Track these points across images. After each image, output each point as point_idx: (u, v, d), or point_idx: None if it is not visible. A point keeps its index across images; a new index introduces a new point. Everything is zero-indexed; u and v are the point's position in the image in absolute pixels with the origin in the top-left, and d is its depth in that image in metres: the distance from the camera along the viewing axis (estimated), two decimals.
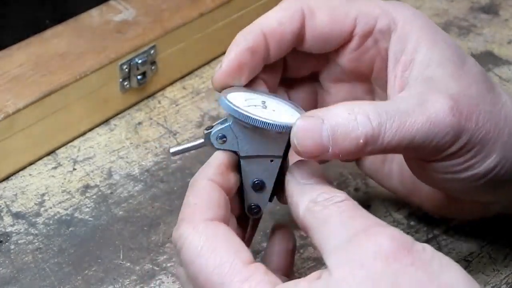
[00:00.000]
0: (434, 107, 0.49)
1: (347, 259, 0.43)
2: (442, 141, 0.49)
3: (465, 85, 0.52)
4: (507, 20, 0.88)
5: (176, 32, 0.76)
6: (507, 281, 0.60)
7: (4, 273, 0.60)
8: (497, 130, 0.52)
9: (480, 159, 0.51)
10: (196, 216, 0.48)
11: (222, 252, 0.46)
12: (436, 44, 0.53)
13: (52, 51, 0.72)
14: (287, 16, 0.53)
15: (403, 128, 0.48)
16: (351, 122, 0.48)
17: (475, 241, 0.63)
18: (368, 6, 0.55)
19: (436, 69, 0.52)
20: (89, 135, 0.73)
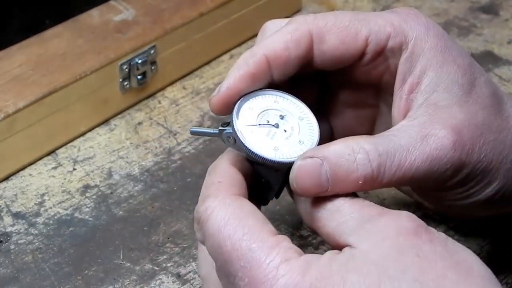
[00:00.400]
0: (435, 143, 0.49)
1: (370, 234, 0.45)
2: (442, 176, 0.49)
3: (471, 113, 0.51)
4: (507, 20, 0.88)
5: (176, 32, 0.76)
6: (507, 281, 0.60)
7: (4, 273, 0.60)
8: (500, 159, 0.51)
9: (480, 187, 0.52)
10: (222, 192, 0.48)
11: (249, 222, 0.46)
12: (445, 66, 0.52)
13: (52, 51, 0.72)
14: (293, 40, 0.52)
15: (402, 167, 0.48)
16: (351, 164, 0.48)
17: (475, 241, 0.63)
18: (379, 24, 0.53)
19: (442, 94, 0.51)
20: (89, 135, 0.73)
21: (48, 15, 0.77)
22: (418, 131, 0.49)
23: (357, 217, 0.46)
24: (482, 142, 0.50)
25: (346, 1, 0.90)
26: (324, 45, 0.52)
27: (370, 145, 0.48)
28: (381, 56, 0.53)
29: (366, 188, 0.48)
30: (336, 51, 0.53)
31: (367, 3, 0.90)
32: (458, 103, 0.51)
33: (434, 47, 0.52)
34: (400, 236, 0.44)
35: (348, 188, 0.48)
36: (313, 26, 0.52)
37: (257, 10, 0.83)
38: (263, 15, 0.84)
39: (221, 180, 0.49)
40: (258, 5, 0.83)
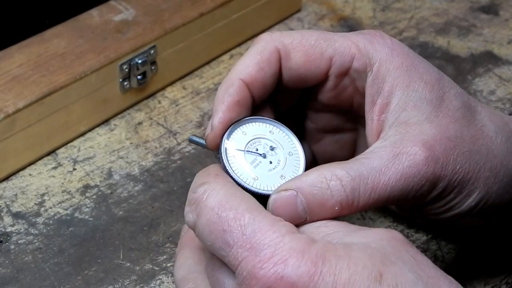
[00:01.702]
0: (407, 161, 0.49)
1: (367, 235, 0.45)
2: (418, 192, 0.50)
3: (442, 126, 0.51)
4: (507, 20, 0.88)
5: (176, 32, 0.76)
6: (507, 281, 0.60)
7: (4, 273, 0.60)
8: (477, 168, 0.52)
9: (461, 199, 0.52)
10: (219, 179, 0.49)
11: (251, 201, 0.47)
12: (412, 84, 0.52)
13: (52, 51, 0.72)
14: (264, 60, 0.53)
15: (377, 189, 0.49)
16: (325, 192, 0.48)
17: (475, 241, 0.63)
18: (344, 45, 0.54)
19: (411, 112, 0.51)
20: (89, 135, 0.73)
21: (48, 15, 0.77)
22: (390, 151, 0.50)
23: (344, 230, 0.47)
24: (456, 153, 0.51)
25: (346, 1, 0.90)
26: (290, 63, 0.54)
27: (343, 171, 0.49)
28: (346, 77, 0.54)
29: (345, 213, 0.49)
30: (301, 69, 0.54)
31: (367, 3, 0.90)
32: (428, 118, 0.51)
33: (400, 66, 0.53)
34: (394, 241, 0.45)
35: (326, 216, 0.48)
36: (279, 43, 0.53)
37: (257, 10, 0.83)
38: (263, 15, 0.84)
39: (218, 174, 0.49)
40: (258, 5, 0.83)
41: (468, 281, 0.60)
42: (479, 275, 0.60)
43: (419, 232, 0.64)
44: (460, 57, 0.82)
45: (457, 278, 0.60)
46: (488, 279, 0.60)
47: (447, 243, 0.63)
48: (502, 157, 0.53)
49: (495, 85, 0.79)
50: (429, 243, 0.63)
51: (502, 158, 0.53)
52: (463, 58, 0.82)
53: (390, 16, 0.88)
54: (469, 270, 0.61)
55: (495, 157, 0.53)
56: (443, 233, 0.64)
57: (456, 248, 0.63)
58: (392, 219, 0.65)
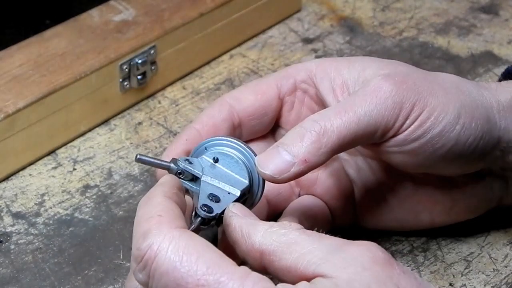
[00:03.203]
0: (368, 86, 0.53)
1: (347, 263, 0.44)
2: (388, 107, 0.52)
3: (394, 68, 0.55)
4: (507, 20, 0.88)
5: (176, 32, 0.76)
6: (507, 281, 0.60)
7: (4, 273, 0.60)
8: (441, 87, 0.54)
9: (442, 108, 0.53)
10: (165, 225, 0.45)
11: (209, 255, 0.44)
12: (353, 62, 0.57)
13: (52, 51, 0.72)
14: (214, 109, 0.58)
15: (344, 110, 0.52)
16: (299, 130, 0.52)
17: (475, 241, 0.63)
18: (282, 71, 0.60)
19: (364, 72, 0.55)
20: (89, 135, 0.73)
21: (48, 15, 0.77)
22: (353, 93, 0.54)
23: (322, 247, 0.45)
24: (413, 77, 0.54)
25: (346, 1, 0.90)
26: (243, 104, 0.58)
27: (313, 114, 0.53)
28: (298, 92, 0.59)
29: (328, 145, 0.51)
30: (255, 103, 0.59)
31: (367, 3, 0.90)
32: (379, 67, 0.55)
33: (333, 60, 0.58)
34: (377, 266, 0.44)
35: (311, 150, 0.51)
36: (227, 96, 0.59)
37: (257, 10, 0.83)
38: (263, 15, 0.84)
39: (161, 214, 0.46)
40: (258, 5, 0.83)
41: (468, 281, 0.60)
42: (479, 275, 0.60)
43: (419, 232, 0.64)
44: (460, 57, 0.82)
45: (457, 278, 0.60)
46: (488, 279, 0.60)
47: (447, 243, 0.63)
48: (459, 82, 0.56)
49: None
50: (429, 243, 0.63)
51: (460, 82, 0.56)
52: (463, 58, 0.82)
53: (390, 16, 0.88)
54: (469, 270, 0.61)
55: (452, 81, 0.56)
56: (443, 233, 0.64)
57: (456, 248, 0.63)
58: None
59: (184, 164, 0.53)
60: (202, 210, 0.50)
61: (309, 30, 0.86)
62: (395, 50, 0.83)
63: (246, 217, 0.49)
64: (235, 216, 0.49)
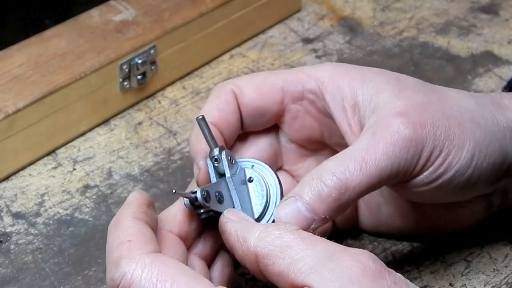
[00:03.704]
0: (387, 132, 0.51)
1: (335, 275, 0.44)
2: (408, 156, 0.51)
3: (409, 97, 0.53)
4: (507, 20, 0.88)
5: (176, 32, 0.76)
6: (507, 281, 0.60)
7: (4, 273, 0.60)
8: (457, 122, 0.53)
9: (456, 152, 0.52)
10: (135, 252, 0.45)
11: (183, 279, 0.44)
12: (367, 78, 0.55)
13: (52, 51, 0.72)
14: (222, 101, 0.56)
15: (366, 164, 0.50)
16: (317, 184, 0.50)
17: (475, 241, 0.63)
18: (292, 73, 0.57)
19: (377, 98, 0.54)
20: (89, 135, 0.73)
21: (48, 15, 0.77)
22: (370, 132, 0.52)
23: (314, 254, 0.45)
24: (430, 114, 0.53)
25: (346, 1, 0.90)
26: (244, 98, 0.56)
27: (329, 161, 0.51)
28: (304, 102, 0.57)
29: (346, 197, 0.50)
30: (256, 103, 0.56)
31: (367, 3, 0.90)
32: (393, 95, 0.53)
33: (347, 72, 0.56)
34: (366, 278, 0.44)
35: (331, 207, 0.49)
36: (231, 84, 0.56)
37: (257, 10, 0.83)
38: (263, 15, 0.84)
39: (131, 239, 0.46)
40: (258, 5, 0.83)
41: (468, 281, 0.60)
42: (479, 275, 0.60)
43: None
44: (460, 57, 0.82)
45: (457, 278, 0.60)
46: (488, 279, 0.60)
47: (447, 243, 0.63)
48: (474, 109, 0.55)
49: (495, 85, 0.79)
50: (429, 243, 0.63)
51: (475, 110, 0.54)
52: (463, 58, 0.82)
53: (390, 16, 0.88)
54: (469, 270, 0.61)
55: (468, 109, 0.54)
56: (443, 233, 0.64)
57: (456, 248, 0.63)
58: None
59: (226, 157, 0.53)
60: (202, 193, 0.50)
61: (309, 30, 0.86)
62: (395, 50, 0.83)
63: (241, 221, 0.49)
64: (229, 221, 0.49)
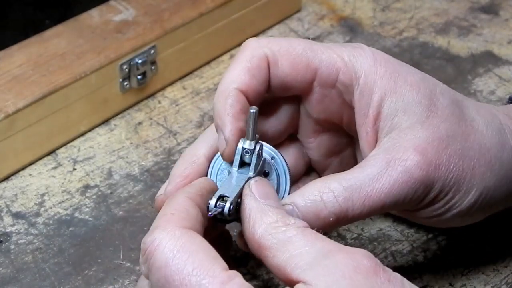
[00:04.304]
0: (400, 166, 0.50)
1: (327, 271, 0.44)
2: (414, 196, 0.50)
3: (434, 127, 0.52)
4: (507, 20, 0.88)
5: (176, 32, 0.76)
6: (507, 281, 0.60)
7: (4, 273, 0.60)
8: (472, 165, 0.52)
9: (460, 197, 0.52)
10: (171, 224, 0.47)
11: (200, 256, 0.45)
12: (399, 89, 0.53)
13: (52, 51, 0.72)
14: (255, 67, 0.53)
15: (371, 197, 0.50)
16: (318, 204, 0.49)
17: (475, 241, 0.63)
18: (330, 58, 0.54)
19: (402, 117, 0.52)
20: (89, 135, 0.73)
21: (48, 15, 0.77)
22: (383, 158, 0.51)
23: (311, 250, 0.45)
24: (449, 153, 0.51)
25: (346, 1, 0.90)
26: (277, 70, 0.54)
27: (335, 182, 0.50)
28: (333, 90, 0.55)
29: (342, 223, 0.50)
30: (287, 77, 0.54)
31: (367, 3, 0.90)
32: (419, 120, 0.52)
33: (384, 75, 0.53)
34: (358, 275, 0.44)
35: (324, 227, 0.49)
36: (267, 49, 0.54)
37: (257, 10, 0.83)
38: (263, 15, 0.84)
39: (173, 212, 0.48)
40: (258, 5, 0.83)
41: (468, 281, 0.60)
42: (479, 275, 0.60)
43: (419, 232, 0.64)
44: (460, 57, 0.82)
45: (457, 278, 0.60)
46: (488, 279, 0.60)
47: (447, 243, 0.63)
48: (495, 150, 0.53)
49: (495, 85, 0.79)
50: (429, 243, 0.63)
51: (495, 151, 0.53)
52: (463, 58, 0.82)
53: (390, 16, 0.88)
54: (469, 270, 0.61)
55: (488, 151, 0.53)
56: (443, 233, 0.64)
57: (456, 248, 0.63)
58: (392, 219, 0.65)
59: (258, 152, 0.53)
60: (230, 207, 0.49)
61: (309, 30, 0.86)
62: (395, 50, 0.83)
63: (260, 200, 0.49)
64: (250, 196, 0.49)
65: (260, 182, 0.51)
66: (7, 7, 0.79)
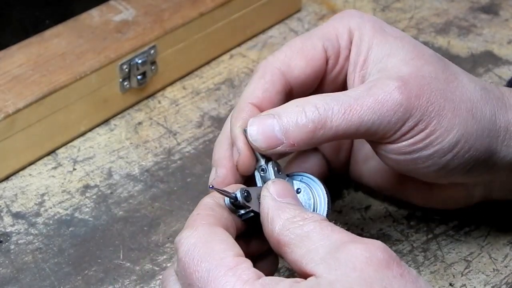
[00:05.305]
0: (381, 89, 0.52)
1: (339, 263, 0.44)
2: (392, 119, 0.52)
3: (417, 67, 0.54)
4: (507, 20, 0.88)
5: (176, 32, 0.76)
6: (507, 281, 0.60)
7: (4, 273, 0.60)
8: (453, 107, 0.53)
9: (441, 134, 0.53)
10: (197, 222, 0.49)
11: (215, 245, 0.47)
12: (386, 39, 0.55)
13: (52, 51, 0.72)
14: (268, 81, 0.55)
15: (350, 111, 0.51)
16: (299, 113, 0.51)
17: (475, 241, 0.63)
18: (328, 29, 0.57)
19: (388, 59, 0.54)
20: (89, 135, 0.73)
21: (48, 15, 0.77)
22: (366, 86, 0.53)
23: (327, 244, 0.46)
24: (430, 89, 0.53)
25: (346, 1, 0.90)
26: (294, 72, 0.56)
27: (318, 98, 0.52)
28: (341, 57, 0.57)
29: (320, 134, 0.51)
30: (307, 70, 0.56)
31: (367, 3, 0.90)
32: (404, 60, 0.54)
33: (372, 28, 0.56)
34: (370, 267, 0.44)
35: (302, 137, 0.51)
36: (276, 62, 0.56)
37: (257, 10, 0.83)
38: (263, 15, 0.84)
39: (199, 213, 0.50)
40: (258, 5, 0.83)
41: (468, 281, 0.60)
42: (479, 275, 0.60)
43: (419, 232, 0.64)
44: (460, 57, 0.82)
45: (457, 278, 0.60)
46: (488, 279, 0.60)
47: (447, 243, 0.63)
48: (477, 103, 0.54)
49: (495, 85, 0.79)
50: (429, 243, 0.63)
51: (477, 104, 0.54)
52: (463, 58, 0.82)
53: (390, 16, 0.88)
54: (469, 270, 0.61)
55: (470, 100, 0.54)
56: (443, 233, 0.64)
57: (456, 248, 0.63)
58: (392, 219, 0.65)
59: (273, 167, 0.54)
60: (242, 192, 0.51)
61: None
62: None
63: (278, 199, 0.50)
64: (268, 196, 0.50)
65: (277, 182, 0.51)
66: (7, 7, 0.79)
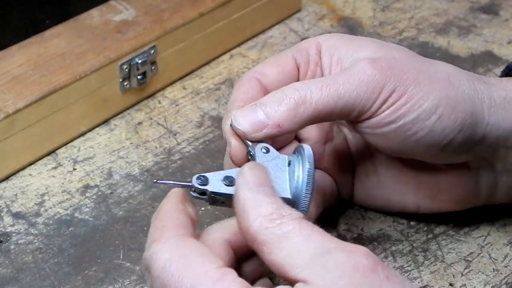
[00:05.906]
0: (354, 68, 0.54)
1: (325, 270, 0.44)
2: (368, 89, 0.54)
3: (387, 53, 0.56)
4: (507, 20, 0.88)
5: (176, 32, 0.76)
6: (507, 281, 0.60)
7: (4, 273, 0.60)
8: (428, 76, 0.55)
9: (420, 97, 0.54)
10: (165, 234, 0.48)
11: (193, 258, 0.46)
12: (354, 40, 0.58)
13: (52, 51, 0.72)
14: (246, 86, 0.57)
15: (327, 86, 0.53)
16: (280, 96, 0.54)
17: (475, 241, 0.63)
18: (297, 46, 0.60)
19: (358, 53, 0.57)
20: (89, 135, 0.73)
21: (48, 15, 0.77)
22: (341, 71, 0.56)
23: (309, 248, 0.45)
24: (402, 63, 0.55)
25: (346, 1, 0.90)
26: (268, 78, 0.58)
27: (297, 83, 0.55)
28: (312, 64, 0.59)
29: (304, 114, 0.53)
30: (279, 75, 0.59)
31: (367, 3, 0.90)
32: (373, 50, 0.57)
33: (340, 39, 0.59)
34: (357, 273, 0.44)
35: (285, 115, 0.53)
36: (252, 72, 0.58)
37: (257, 10, 0.83)
38: (263, 15, 0.84)
39: (164, 224, 0.49)
40: (258, 5, 0.83)
41: (468, 281, 0.60)
42: (479, 275, 0.60)
43: (419, 232, 0.64)
44: (460, 57, 0.82)
45: (457, 278, 0.60)
46: (488, 279, 0.60)
47: (447, 243, 0.63)
48: (453, 72, 0.56)
49: None
50: (429, 243, 0.63)
51: (453, 73, 0.56)
52: (463, 58, 0.82)
53: (390, 16, 0.88)
54: (469, 270, 0.61)
55: (446, 72, 0.56)
56: (443, 233, 0.64)
57: (456, 248, 0.63)
58: (392, 219, 0.65)
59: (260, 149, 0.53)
60: (197, 179, 0.51)
61: (309, 30, 0.86)
62: None
63: (255, 189, 0.48)
64: (245, 185, 0.48)
65: (254, 167, 0.50)
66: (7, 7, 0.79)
